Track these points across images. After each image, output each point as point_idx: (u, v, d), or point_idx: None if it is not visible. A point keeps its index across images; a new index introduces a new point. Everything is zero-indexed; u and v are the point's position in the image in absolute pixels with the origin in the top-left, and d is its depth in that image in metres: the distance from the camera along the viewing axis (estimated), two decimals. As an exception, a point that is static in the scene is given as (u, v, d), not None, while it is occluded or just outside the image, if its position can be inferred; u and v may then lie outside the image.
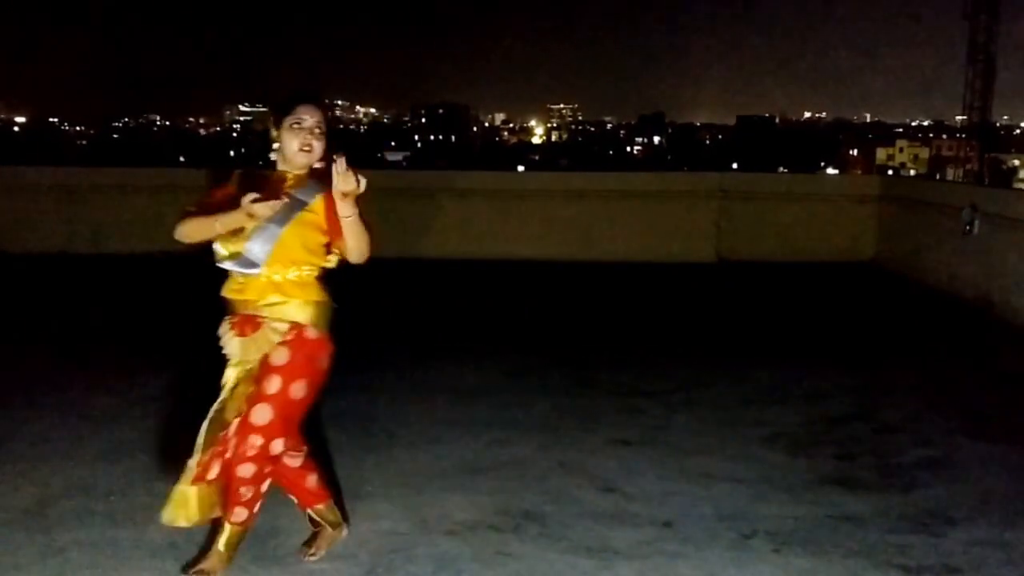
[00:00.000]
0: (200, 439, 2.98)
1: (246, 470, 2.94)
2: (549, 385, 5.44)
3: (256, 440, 2.92)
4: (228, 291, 3.07)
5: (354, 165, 2.89)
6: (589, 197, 10.81)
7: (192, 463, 2.97)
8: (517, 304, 8.12)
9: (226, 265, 3.02)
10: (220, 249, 3.01)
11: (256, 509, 3.05)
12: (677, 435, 4.59)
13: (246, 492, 2.97)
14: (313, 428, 4.60)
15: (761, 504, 3.76)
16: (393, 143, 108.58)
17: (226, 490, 3.00)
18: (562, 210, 10.69)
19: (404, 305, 8.02)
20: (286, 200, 2.94)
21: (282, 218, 2.97)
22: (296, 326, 3.03)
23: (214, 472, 2.98)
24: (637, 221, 10.58)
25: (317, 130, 3.07)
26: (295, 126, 3.05)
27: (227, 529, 3.03)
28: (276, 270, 3.01)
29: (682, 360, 6.06)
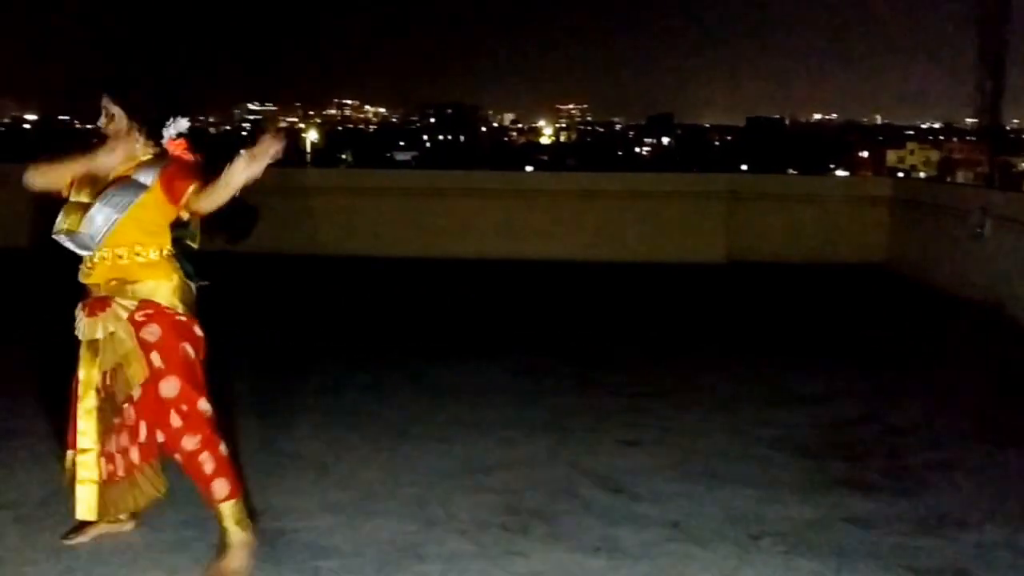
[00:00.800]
0: (91, 433, 3.05)
1: (189, 442, 3.00)
2: (557, 385, 5.44)
3: (178, 411, 3.00)
4: (81, 275, 3.12)
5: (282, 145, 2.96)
6: (598, 197, 10.81)
7: (91, 459, 3.05)
8: (525, 304, 8.13)
9: (60, 239, 3.04)
10: (60, 223, 3.03)
11: (232, 476, 3.08)
12: (685, 436, 4.59)
13: (207, 462, 3.01)
14: (321, 426, 4.64)
15: (770, 505, 3.75)
16: (402, 143, 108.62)
17: (192, 476, 3.05)
18: (570, 210, 10.70)
19: (412, 304, 8.03)
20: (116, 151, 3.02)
21: (122, 204, 3.01)
22: (149, 303, 3.05)
23: (121, 469, 3.11)
24: (646, 222, 10.58)
25: (108, 115, 3.10)
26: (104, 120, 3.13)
27: (224, 510, 3.06)
28: (111, 250, 3.04)
29: (691, 361, 6.05)
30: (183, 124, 3.16)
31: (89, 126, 3.10)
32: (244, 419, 4.68)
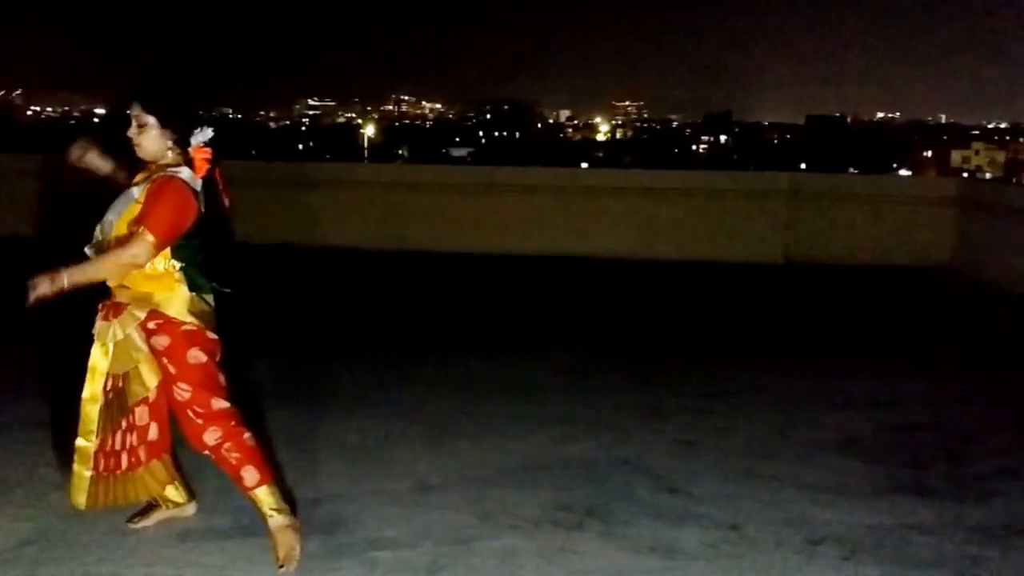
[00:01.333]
0: (93, 423, 3.11)
1: (210, 437, 3.09)
2: (613, 383, 5.42)
3: (193, 412, 3.08)
4: None
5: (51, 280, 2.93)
6: (653, 195, 10.72)
7: (89, 448, 3.11)
8: (581, 301, 8.10)
9: (88, 248, 3.13)
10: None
11: (260, 463, 3.15)
12: (743, 437, 4.53)
13: (231, 453, 3.10)
14: (377, 418, 4.68)
15: (830, 510, 3.68)
16: (458, 139, 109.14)
17: (222, 468, 3.15)
18: (625, 208, 10.62)
19: (469, 300, 8.06)
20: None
21: (118, 211, 3.08)
22: (158, 314, 3.09)
23: (124, 465, 3.18)
24: (702, 220, 10.46)
25: (138, 125, 3.12)
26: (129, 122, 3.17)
27: (257, 496, 3.13)
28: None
29: (747, 361, 5.97)
30: (208, 133, 3.20)
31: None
32: (301, 410, 4.76)
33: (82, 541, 3.26)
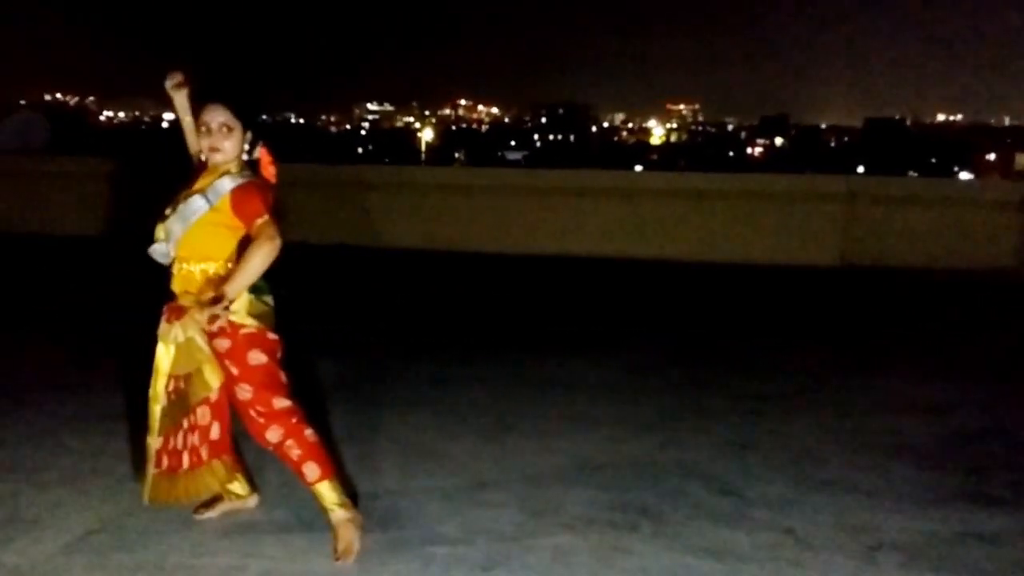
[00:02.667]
0: (156, 422, 3.21)
1: (272, 435, 3.16)
2: (667, 384, 5.40)
3: (255, 411, 3.15)
4: (171, 279, 3.26)
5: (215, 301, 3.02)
6: (708, 198, 10.64)
7: (152, 446, 3.23)
8: (634, 302, 8.08)
9: (151, 250, 3.22)
10: (154, 233, 3.22)
11: (322, 459, 3.22)
12: (798, 441, 4.49)
13: (292, 449, 3.17)
14: (432, 415, 4.74)
15: (887, 516, 3.64)
16: (513, 142, 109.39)
17: (285, 464, 3.23)
18: (680, 211, 10.56)
19: (522, 300, 8.09)
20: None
21: (191, 213, 3.13)
22: (219, 318, 3.13)
23: (186, 463, 3.27)
24: (757, 223, 10.35)
25: (224, 129, 3.16)
26: (202, 130, 3.19)
27: (319, 490, 3.21)
28: (189, 263, 3.16)
29: (803, 364, 5.90)
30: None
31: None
32: (358, 406, 4.84)
33: (149, 531, 3.36)
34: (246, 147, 3.21)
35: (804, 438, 4.53)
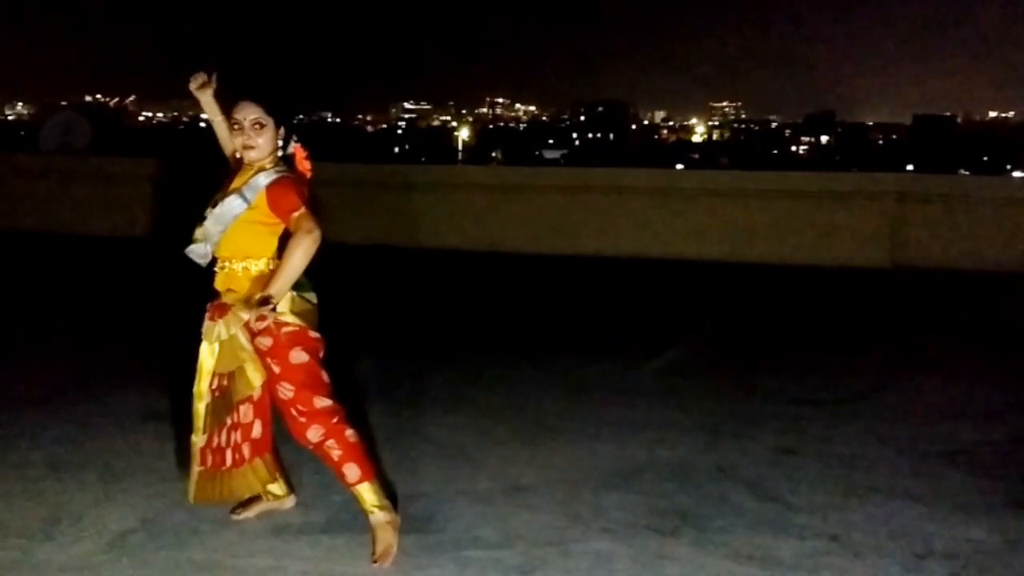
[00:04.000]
0: (200, 420, 3.21)
1: (313, 434, 3.14)
2: (709, 388, 5.31)
3: (296, 411, 3.13)
4: (213, 278, 3.26)
5: (263, 304, 3.00)
6: (752, 197, 10.48)
7: (197, 444, 3.23)
8: (676, 304, 7.99)
9: (188, 250, 3.21)
10: (194, 234, 3.20)
11: (362, 460, 3.20)
12: (844, 446, 4.38)
13: (333, 449, 3.15)
14: (470, 417, 4.71)
15: (937, 524, 3.53)
16: (551, 141, 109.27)
17: (326, 464, 3.21)
18: (723, 210, 10.42)
19: (560, 301, 8.04)
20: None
21: (228, 212, 3.12)
22: (262, 316, 3.10)
23: (229, 461, 3.27)
24: (802, 223, 10.17)
25: (257, 125, 3.14)
26: (235, 128, 3.17)
27: (359, 492, 3.19)
28: (231, 263, 3.16)
29: (850, 369, 5.78)
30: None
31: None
32: (396, 407, 4.82)
33: (187, 530, 3.37)
34: (280, 143, 3.20)
35: (851, 443, 4.42)
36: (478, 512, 3.57)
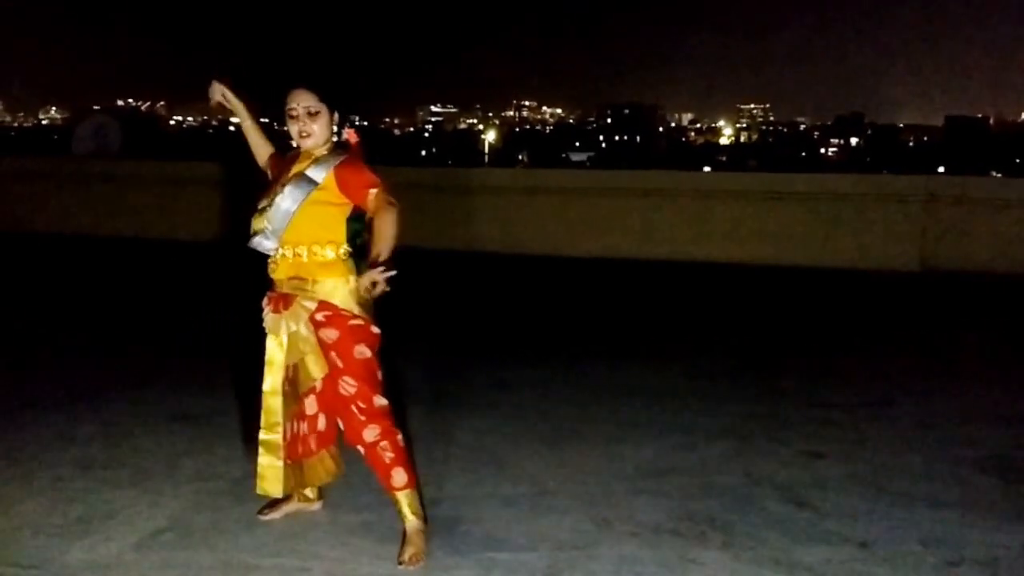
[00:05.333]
0: (277, 415, 3.18)
1: (369, 434, 3.13)
2: (736, 391, 5.28)
3: (356, 407, 3.12)
4: (269, 269, 3.23)
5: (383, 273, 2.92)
6: (780, 199, 10.41)
7: (277, 439, 3.18)
8: (703, 306, 7.95)
9: (253, 243, 3.18)
10: (252, 227, 3.17)
11: (409, 466, 3.21)
12: (875, 451, 4.33)
13: (385, 452, 3.14)
14: (496, 420, 4.71)
15: (970, 531, 3.48)
16: (577, 143, 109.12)
17: (372, 466, 3.20)
18: (750, 213, 10.36)
19: (587, 304, 8.03)
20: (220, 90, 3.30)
21: (294, 197, 3.08)
22: (327, 305, 3.11)
23: (298, 453, 3.26)
24: (832, 226, 10.09)
25: (312, 113, 3.14)
26: (291, 115, 3.16)
27: (401, 498, 3.19)
28: (295, 249, 3.12)
29: (881, 373, 5.72)
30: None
31: (286, 127, 3.18)
32: (423, 409, 4.83)
33: (216, 530, 3.39)
34: (335, 128, 3.21)
35: (881, 448, 4.37)
36: (503, 515, 3.56)
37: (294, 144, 3.26)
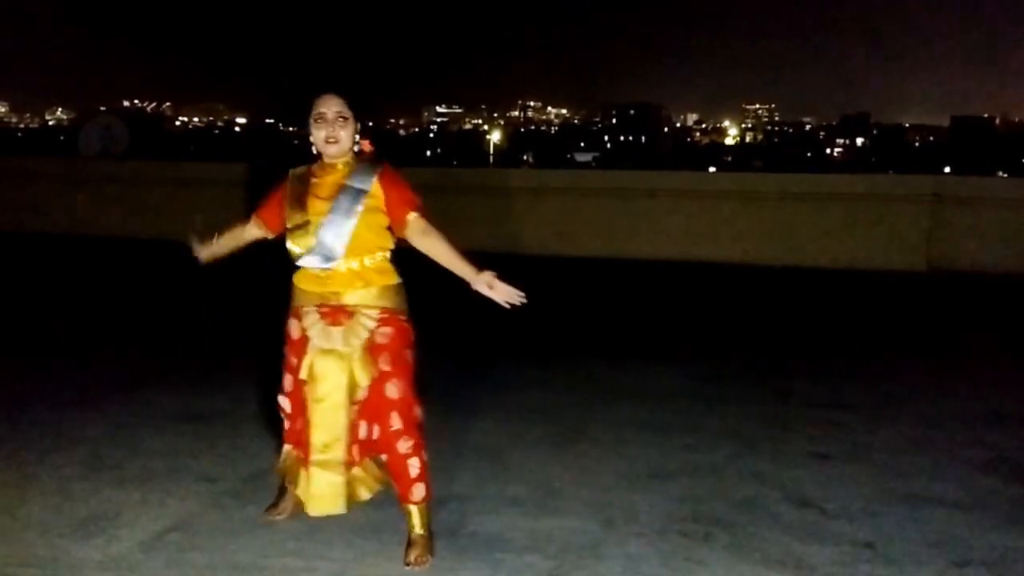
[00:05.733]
0: (339, 427, 3.05)
1: (404, 444, 3.09)
2: (741, 392, 5.27)
3: (399, 413, 3.08)
4: (307, 283, 3.13)
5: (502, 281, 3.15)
6: (786, 199, 10.40)
7: (335, 456, 3.07)
8: (709, 308, 7.94)
9: (305, 262, 3.10)
10: (294, 248, 3.10)
11: (429, 482, 3.18)
12: (881, 452, 4.33)
13: (413, 466, 3.11)
14: (502, 420, 4.71)
15: (977, 532, 3.47)
16: (583, 144, 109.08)
17: (395, 475, 3.15)
18: (756, 213, 10.35)
19: (592, 305, 8.02)
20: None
21: (349, 209, 3.05)
22: (385, 310, 3.12)
23: (356, 456, 3.16)
24: (837, 226, 10.08)
25: (341, 119, 3.10)
26: (318, 120, 3.11)
27: (415, 511, 3.18)
28: (355, 259, 3.10)
29: (888, 373, 5.71)
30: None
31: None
32: (428, 410, 4.81)
33: (221, 531, 3.40)
34: (356, 137, 3.17)
35: (887, 449, 4.36)
36: (509, 515, 3.57)
37: (315, 151, 3.18)
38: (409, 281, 3.24)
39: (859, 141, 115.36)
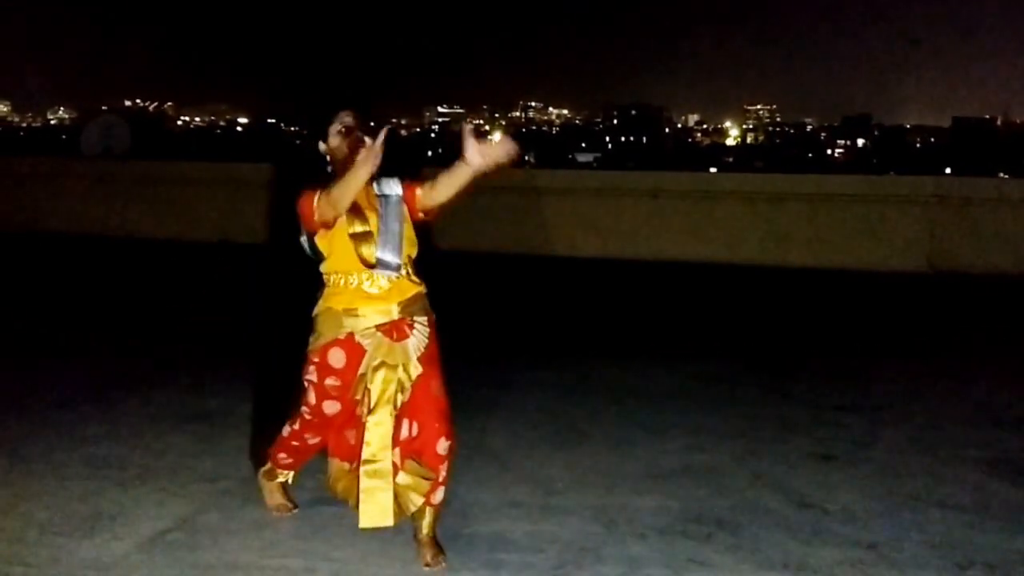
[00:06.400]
0: (383, 441, 3.08)
1: (442, 446, 3.10)
2: (743, 393, 5.27)
3: (442, 416, 3.11)
4: (355, 302, 3.10)
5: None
6: (787, 200, 10.38)
7: (384, 467, 3.08)
8: (710, 308, 7.93)
9: (377, 273, 3.09)
10: (367, 255, 3.08)
11: (448, 486, 3.19)
12: (883, 453, 4.32)
13: (444, 470, 3.11)
14: (504, 421, 4.70)
15: (979, 533, 3.46)
16: (584, 144, 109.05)
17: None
18: (757, 214, 10.33)
19: (595, 305, 8.02)
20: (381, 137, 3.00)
21: (396, 218, 3.11)
22: (430, 317, 3.20)
23: (398, 460, 3.14)
24: (839, 226, 10.05)
25: (349, 135, 3.15)
26: (341, 132, 3.15)
27: (429, 513, 3.17)
28: (405, 268, 3.16)
29: (889, 374, 5.69)
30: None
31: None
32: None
33: (222, 531, 3.39)
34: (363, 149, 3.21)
35: (890, 450, 4.36)
36: (511, 516, 3.56)
37: (328, 160, 3.18)
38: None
39: (860, 142, 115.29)
